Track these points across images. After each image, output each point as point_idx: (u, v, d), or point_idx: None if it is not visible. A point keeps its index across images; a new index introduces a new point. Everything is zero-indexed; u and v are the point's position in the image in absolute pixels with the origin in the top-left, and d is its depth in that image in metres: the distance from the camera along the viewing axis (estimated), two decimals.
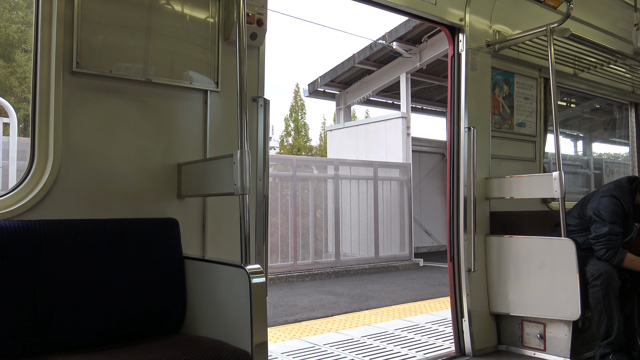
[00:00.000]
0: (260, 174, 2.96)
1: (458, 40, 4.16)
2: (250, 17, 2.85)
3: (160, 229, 2.51)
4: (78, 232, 2.27)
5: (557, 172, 3.74)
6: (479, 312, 4.08)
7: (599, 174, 7.93)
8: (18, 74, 12.28)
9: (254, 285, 2.09)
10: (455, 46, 4.16)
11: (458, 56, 4.16)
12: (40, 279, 2.13)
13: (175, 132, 2.76)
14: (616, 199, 3.68)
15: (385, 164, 11.65)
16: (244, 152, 2.20)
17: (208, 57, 2.86)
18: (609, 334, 3.52)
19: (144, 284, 2.38)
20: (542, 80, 4.81)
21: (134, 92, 2.63)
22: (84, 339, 2.21)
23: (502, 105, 4.48)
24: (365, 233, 10.86)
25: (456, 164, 4.13)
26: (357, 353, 4.11)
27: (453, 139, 4.14)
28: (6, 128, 5.69)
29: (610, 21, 5.32)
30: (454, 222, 4.09)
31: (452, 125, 4.17)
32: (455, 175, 4.12)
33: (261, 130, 2.98)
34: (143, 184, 2.64)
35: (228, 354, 2.07)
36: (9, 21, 12.21)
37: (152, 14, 2.68)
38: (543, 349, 3.85)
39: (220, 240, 2.87)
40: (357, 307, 6.64)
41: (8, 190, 2.38)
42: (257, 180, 2.95)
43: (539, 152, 4.78)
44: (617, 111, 7.02)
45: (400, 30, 11.68)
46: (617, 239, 3.60)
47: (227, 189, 2.30)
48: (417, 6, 3.85)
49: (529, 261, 3.89)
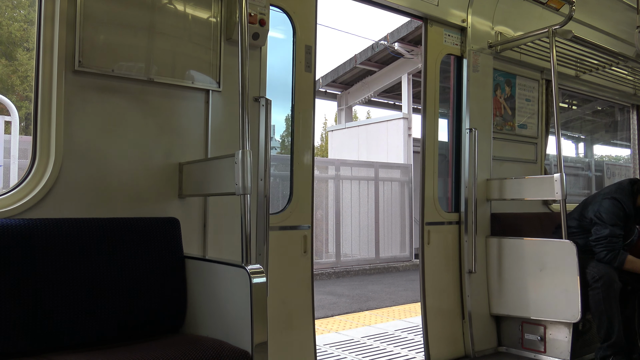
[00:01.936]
0: (261, 174, 2.96)
1: (460, 41, 4.16)
2: (253, 17, 2.86)
3: (161, 228, 2.51)
4: (79, 231, 2.27)
5: (558, 174, 3.74)
6: (479, 313, 4.08)
7: (600, 176, 7.93)
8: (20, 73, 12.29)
9: (254, 285, 2.09)
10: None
11: (460, 57, 4.17)
12: (40, 277, 2.13)
13: (176, 131, 2.76)
14: (617, 202, 3.67)
15: (387, 164, 11.65)
16: (245, 152, 2.20)
17: (210, 57, 2.86)
18: (609, 336, 3.51)
19: (145, 283, 2.38)
20: (544, 82, 4.81)
21: (135, 92, 2.63)
22: (85, 338, 2.21)
23: (504, 107, 4.48)
24: (365, 233, 10.86)
25: (457, 165, 4.14)
26: (357, 353, 4.11)
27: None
28: (8, 126, 5.69)
29: (612, 23, 5.32)
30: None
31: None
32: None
33: (262, 130, 2.98)
34: (144, 183, 2.64)
35: (228, 354, 2.07)
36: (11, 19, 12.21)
37: (155, 14, 2.68)
38: (543, 351, 3.85)
39: (221, 240, 2.87)
40: (357, 308, 6.65)
41: (9, 189, 2.38)
42: (258, 180, 2.96)
43: (540, 153, 4.78)
44: (619, 113, 7.01)
45: (402, 31, 11.68)
46: (617, 241, 3.59)
47: (228, 189, 2.30)
48: (419, 7, 3.85)
49: (529, 263, 3.89)
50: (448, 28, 4.08)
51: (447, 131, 4.33)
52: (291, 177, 3.33)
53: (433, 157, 3.99)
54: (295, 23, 3.30)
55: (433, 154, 3.99)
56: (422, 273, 3.93)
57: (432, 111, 4.01)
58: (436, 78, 4.02)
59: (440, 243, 4.04)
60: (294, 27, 3.30)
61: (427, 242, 3.93)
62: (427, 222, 3.95)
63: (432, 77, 4.01)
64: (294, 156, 3.31)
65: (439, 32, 4.04)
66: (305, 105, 3.34)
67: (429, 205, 3.97)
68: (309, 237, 3.33)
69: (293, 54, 3.30)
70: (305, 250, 3.30)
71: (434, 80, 4.01)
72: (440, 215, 4.04)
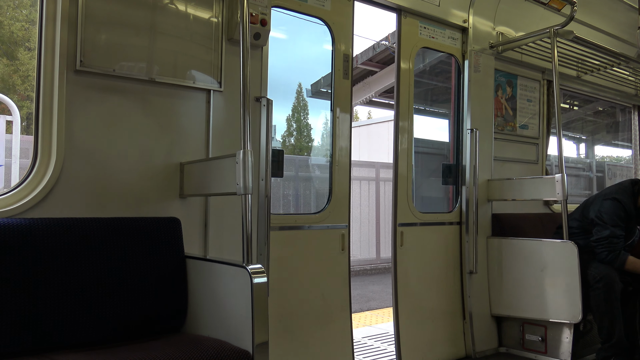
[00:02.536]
0: (262, 174, 2.96)
1: (462, 41, 4.16)
2: (254, 17, 2.86)
3: (163, 228, 2.51)
4: (80, 230, 2.28)
5: (559, 175, 3.74)
6: (480, 314, 4.08)
7: (602, 177, 7.91)
8: (21, 72, 12.28)
9: (255, 285, 2.09)
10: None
11: (461, 58, 4.17)
12: (42, 277, 2.13)
13: (178, 131, 2.76)
14: (618, 202, 3.67)
15: (388, 164, 11.63)
16: (246, 152, 2.20)
17: (211, 57, 2.86)
18: (610, 337, 3.51)
19: (146, 282, 2.38)
20: (545, 82, 4.80)
21: (137, 91, 2.63)
22: (85, 337, 2.21)
23: (505, 107, 4.48)
24: (366, 234, 10.86)
25: (458, 166, 4.14)
26: (358, 354, 4.11)
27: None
28: (9, 126, 5.70)
29: (613, 24, 5.31)
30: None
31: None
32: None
33: (264, 130, 2.98)
34: (145, 183, 2.65)
35: (229, 354, 2.07)
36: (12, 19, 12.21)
37: (156, 13, 2.68)
38: (544, 351, 3.84)
39: (222, 239, 2.87)
40: (358, 308, 6.65)
41: (11, 188, 2.38)
42: (259, 180, 2.96)
43: (541, 154, 4.78)
44: (620, 114, 7.00)
45: None
46: (618, 241, 3.59)
47: (229, 189, 2.30)
48: (420, 7, 3.85)
49: (530, 263, 3.89)
50: (426, 21, 3.92)
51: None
52: (330, 178, 3.46)
53: (407, 156, 3.82)
54: (335, 33, 3.47)
55: (407, 152, 3.83)
56: (395, 277, 3.73)
57: (406, 109, 3.83)
58: (410, 74, 3.86)
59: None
60: (333, 37, 3.48)
61: (399, 244, 3.74)
62: (400, 223, 3.76)
63: (406, 73, 3.84)
64: (334, 158, 3.46)
65: (414, 23, 3.88)
66: (343, 109, 3.50)
67: (402, 205, 3.79)
68: (347, 235, 3.47)
69: (332, 62, 3.50)
70: (343, 247, 3.44)
71: (408, 76, 3.84)
72: (415, 216, 3.85)
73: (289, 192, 9.75)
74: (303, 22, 3.41)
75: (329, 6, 3.42)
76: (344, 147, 3.48)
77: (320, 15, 3.39)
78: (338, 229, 3.44)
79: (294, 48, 3.31)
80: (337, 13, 3.47)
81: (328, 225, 3.40)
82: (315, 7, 3.35)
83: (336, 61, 3.48)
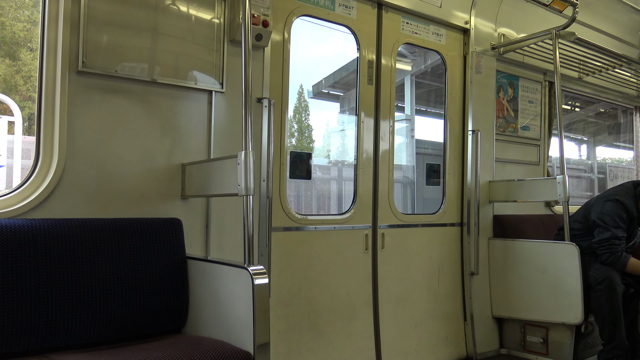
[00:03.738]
0: (264, 175, 2.97)
1: (463, 43, 4.16)
2: (256, 18, 2.86)
3: (164, 229, 2.51)
4: (82, 231, 2.28)
5: (561, 176, 3.73)
6: (481, 315, 4.07)
7: (603, 178, 7.90)
8: (23, 73, 12.30)
9: (256, 286, 2.09)
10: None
11: (463, 59, 4.17)
12: (43, 277, 2.13)
13: (179, 132, 2.76)
14: (620, 204, 3.66)
15: None
16: (248, 153, 2.20)
17: (213, 58, 2.86)
18: (612, 338, 3.51)
19: (147, 283, 2.38)
20: (547, 83, 4.80)
21: (139, 92, 2.64)
22: (87, 337, 2.21)
23: (507, 109, 4.48)
24: None
25: (460, 167, 4.14)
26: None
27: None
28: (11, 126, 5.71)
29: (615, 25, 5.31)
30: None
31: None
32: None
33: (265, 131, 2.99)
34: (147, 184, 2.65)
35: (230, 355, 2.07)
36: (14, 19, 12.23)
37: (158, 14, 2.69)
38: (545, 353, 3.84)
39: (223, 240, 2.87)
40: None
41: (12, 189, 2.39)
42: (261, 181, 2.96)
43: (543, 155, 4.78)
44: (622, 115, 7.00)
45: None
46: (620, 243, 3.58)
47: (230, 190, 2.30)
48: (422, 9, 3.85)
49: (532, 265, 3.88)
50: (408, 16, 3.85)
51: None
52: (355, 180, 3.60)
53: (388, 157, 3.73)
54: (360, 41, 3.61)
55: (388, 153, 3.73)
56: (374, 280, 3.62)
57: (388, 109, 3.72)
58: (392, 72, 3.75)
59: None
60: (358, 44, 3.61)
61: (380, 247, 3.65)
62: (380, 225, 3.67)
63: (388, 70, 3.73)
64: (358, 162, 3.61)
65: (395, 18, 3.78)
66: (368, 114, 3.64)
67: (383, 206, 3.69)
68: (370, 235, 3.59)
69: (357, 68, 3.64)
70: (366, 248, 3.57)
71: (389, 73, 3.73)
72: (397, 218, 3.76)
73: (289, 192, 9.74)
74: (303, 23, 3.42)
75: (355, 14, 3.56)
76: (368, 151, 3.61)
77: (347, 24, 3.54)
78: (362, 230, 3.57)
79: (294, 49, 3.30)
80: (363, 21, 3.61)
81: (353, 226, 3.53)
82: (342, 15, 3.51)
83: (361, 67, 3.61)
